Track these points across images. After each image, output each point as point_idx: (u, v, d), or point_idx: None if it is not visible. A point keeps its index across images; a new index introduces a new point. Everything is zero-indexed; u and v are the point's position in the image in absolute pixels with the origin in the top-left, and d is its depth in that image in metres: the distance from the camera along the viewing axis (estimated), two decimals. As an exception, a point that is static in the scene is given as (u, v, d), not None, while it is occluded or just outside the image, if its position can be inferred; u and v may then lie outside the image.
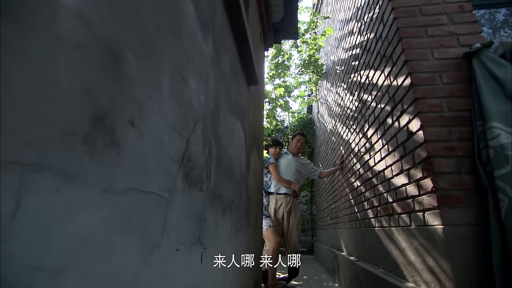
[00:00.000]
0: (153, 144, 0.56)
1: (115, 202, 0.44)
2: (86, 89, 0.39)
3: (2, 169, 0.27)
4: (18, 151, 0.29)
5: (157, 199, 0.57)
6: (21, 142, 0.29)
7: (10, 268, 0.28)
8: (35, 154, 0.30)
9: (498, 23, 2.60)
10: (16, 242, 0.28)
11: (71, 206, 0.35)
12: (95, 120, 0.40)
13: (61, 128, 0.34)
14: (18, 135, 0.29)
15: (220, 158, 1.07)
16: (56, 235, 0.33)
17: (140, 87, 0.53)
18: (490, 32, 2.58)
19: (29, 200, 0.29)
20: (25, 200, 0.29)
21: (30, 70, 0.31)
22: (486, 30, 2.61)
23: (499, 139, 1.18)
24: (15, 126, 0.28)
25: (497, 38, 2.54)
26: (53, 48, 0.34)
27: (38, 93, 0.31)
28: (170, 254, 0.63)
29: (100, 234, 0.40)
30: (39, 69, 0.32)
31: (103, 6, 0.44)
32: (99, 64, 0.42)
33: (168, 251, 0.62)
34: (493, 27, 2.59)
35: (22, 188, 0.29)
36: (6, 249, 0.27)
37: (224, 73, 1.20)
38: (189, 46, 0.80)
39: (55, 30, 0.34)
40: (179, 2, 0.75)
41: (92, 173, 0.39)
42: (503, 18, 2.59)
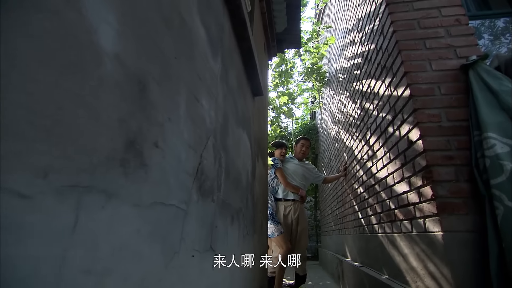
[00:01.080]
0: (173, 161, 0.63)
1: (144, 215, 0.51)
2: (121, 119, 0.46)
3: (66, 192, 0.34)
4: (77, 176, 0.36)
5: (176, 211, 0.64)
6: (79, 170, 0.36)
7: (70, 271, 0.34)
8: (87, 178, 0.37)
9: (499, 29, 2.66)
10: (76, 250, 0.35)
11: (111, 220, 0.42)
12: (128, 145, 0.47)
13: (105, 155, 0.41)
14: (77, 164, 0.36)
15: (228, 169, 1.14)
16: (101, 244, 0.40)
17: (162, 112, 0.60)
18: (491, 39, 2.65)
19: (84, 216, 0.36)
20: (81, 216, 0.36)
21: (82, 108, 0.38)
22: (487, 37, 2.67)
23: (495, 149, 1.24)
24: (75, 157, 0.35)
25: (498, 44, 2.60)
26: (99, 88, 0.41)
27: (88, 128, 0.38)
28: (187, 260, 0.69)
29: (132, 243, 0.47)
30: (89, 107, 0.39)
31: (133, 45, 0.51)
32: (131, 96, 0.49)
33: (185, 258, 0.68)
34: (494, 34, 2.65)
35: (79, 206, 0.36)
36: (69, 256, 0.34)
37: (231, 88, 1.28)
38: (201, 68, 0.87)
39: (100, 73, 0.41)
40: (193, 28, 0.83)
41: (126, 191, 0.46)
42: (503, 25, 2.65)
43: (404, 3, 1.91)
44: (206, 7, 0.97)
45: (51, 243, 0.32)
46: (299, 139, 3.35)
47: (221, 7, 1.20)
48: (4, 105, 0.27)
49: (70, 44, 0.36)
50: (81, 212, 0.36)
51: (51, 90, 0.33)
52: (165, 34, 0.64)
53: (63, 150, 0.34)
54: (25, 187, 0.29)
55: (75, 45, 0.37)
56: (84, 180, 0.37)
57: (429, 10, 1.85)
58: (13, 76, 0.28)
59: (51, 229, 0.32)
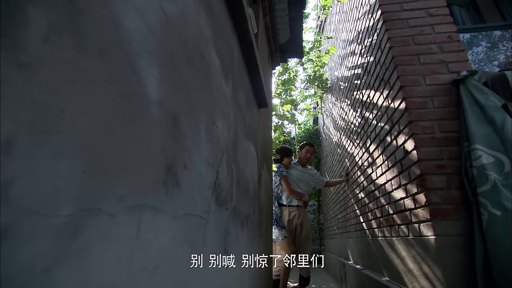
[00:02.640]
0: (197, 178, 0.76)
1: (178, 224, 0.63)
2: (163, 149, 0.59)
3: (132, 210, 0.46)
4: (137, 198, 0.48)
5: (200, 220, 0.76)
6: (138, 193, 0.49)
7: (135, 267, 0.47)
8: (144, 199, 0.50)
9: (496, 37, 2.77)
10: (138, 252, 0.48)
11: (158, 229, 0.55)
12: (167, 169, 0.60)
13: (153, 179, 0.54)
14: (137, 189, 0.48)
15: (239, 179, 1.26)
16: (152, 247, 0.52)
17: (189, 138, 0.72)
18: (489, 46, 2.76)
19: (142, 227, 0.49)
20: (141, 227, 0.49)
21: (139, 146, 0.50)
22: (484, 44, 2.79)
23: (481, 159, 1.35)
24: (136, 184, 0.48)
25: (495, 52, 2.71)
26: (148, 128, 0.54)
27: (143, 161, 0.51)
28: (207, 261, 0.82)
29: (170, 247, 0.59)
30: (143, 144, 0.52)
31: (168, 88, 0.64)
32: (168, 130, 0.62)
33: (206, 259, 0.81)
34: (491, 42, 2.77)
35: (140, 220, 0.48)
36: (135, 256, 0.46)
37: (240, 106, 1.40)
38: (217, 93, 1.00)
39: (149, 116, 0.54)
40: (209, 60, 0.96)
41: (167, 206, 0.59)
42: (500, 33, 2.77)
43: (400, 20, 2.04)
44: (219, 38, 1.10)
45: (124, 247, 0.44)
46: (304, 145, 3.40)
47: (231, 33, 1.33)
48: (97, 151, 0.40)
49: (130, 98, 0.49)
50: (141, 224, 0.49)
51: (122, 137, 0.45)
52: (189, 72, 0.77)
53: (129, 180, 0.47)
54: (112, 208, 0.41)
55: (134, 98, 0.50)
56: (142, 200, 0.49)
57: (423, 27, 1.98)
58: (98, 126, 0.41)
59: (125, 237, 0.44)
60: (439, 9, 2.03)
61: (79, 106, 0.37)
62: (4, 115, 0.27)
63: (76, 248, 0.35)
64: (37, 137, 0.30)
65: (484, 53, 2.71)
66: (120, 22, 0.47)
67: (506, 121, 1.40)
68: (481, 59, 2.66)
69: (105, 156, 0.41)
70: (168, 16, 0.66)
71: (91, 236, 0.37)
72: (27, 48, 0.30)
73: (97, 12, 0.42)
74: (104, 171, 0.41)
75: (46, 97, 0.32)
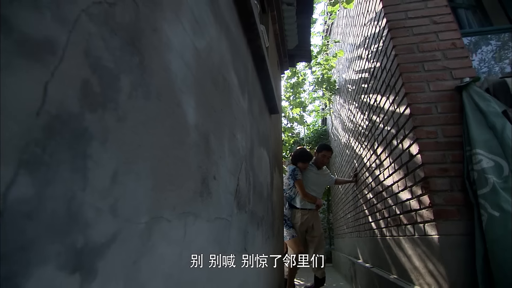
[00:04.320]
0: (223, 187, 0.88)
1: (210, 227, 0.76)
2: (199, 165, 0.71)
3: (180, 217, 0.59)
4: (183, 206, 0.61)
5: (226, 222, 0.89)
6: (185, 202, 0.61)
7: (184, 263, 0.59)
8: (187, 207, 0.62)
9: (505, 37, 2.82)
10: (186, 250, 0.60)
11: (197, 231, 0.67)
12: (202, 181, 0.72)
13: (193, 191, 0.66)
14: (184, 199, 0.61)
15: (255, 184, 1.38)
16: (193, 247, 0.65)
17: (216, 153, 0.85)
18: (499, 44, 2.81)
19: (187, 230, 0.61)
20: (186, 230, 0.61)
21: (184, 165, 0.63)
22: (494, 43, 2.83)
23: (481, 163, 1.44)
24: (183, 195, 0.61)
25: (506, 50, 2.75)
26: (189, 149, 0.66)
27: (187, 176, 0.64)
28: (230, 259, 0.94)
29: (205, 246, 0.72)
30: (186, 163, 0.64)
31: (201, 113, 0.76)
32: (202, 148, 0.74)
33: (230, 257, 0.93)
34: (501, 40, 2.81)
35: (185, 224, 0.61)
36: (183, 254, 0.59)
37: (255, 115, 1.52)
38: (236, 109, 1.12)
39: (189, 140, 0.67)
40: (230, 81, 1.08)
41: (203, 212, 0.71)
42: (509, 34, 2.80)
43: (404, 28, 2.13)
44: (236, 58, 1.22)
45: (176, 246, 0.57)
46: (321, 149, 3.30)
47: (246, 50, 1.45)
48: (158, 173, 0.52)
49: (177, 127, 0.61)
50: (186, 227, 0.61)
51: (173, 159, 0.58)
52: (214, 95, 0.90)
53: (178, 193, 0.59)
54: (169, 216, 0.54)
55: (179, 127, 0.62)
56: (187, 208, 0.62)
57: (427, 34, 2.06)
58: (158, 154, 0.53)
59: (176, 238, 0.57)
60: (443, 16, 2.11)
61: (147, 140, 0.49)
62: (109, 154, 0.40)
63: (149, 246, 0.47)
64: (128, 167, 0.43)
65: (494, 52, 2.75)
66: (169, 68, 0.59)
67: (505, 127, 1.48)
68: (492, 57, 2.70)
69: (163, 176, 0.54)
70: (198, 51, 0.78)
71: (157, 237, 0.50)
72: (120, 105, 0.43)
73: (156, 64, 0.54)
74: (163, 188, 0.53)
75: (130, 137, 0.44)
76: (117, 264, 0.39)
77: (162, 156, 0.54)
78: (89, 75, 0.37)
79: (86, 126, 0.36)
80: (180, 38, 0.66)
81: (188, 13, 0.72)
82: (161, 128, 0.54)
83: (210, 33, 0.89)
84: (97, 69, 0.39)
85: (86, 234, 0.34)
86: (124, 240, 0.41)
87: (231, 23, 1.19)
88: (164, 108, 0.56)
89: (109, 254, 0.38)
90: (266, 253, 1.67)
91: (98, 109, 0.38)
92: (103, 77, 0.40)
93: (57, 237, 0.31)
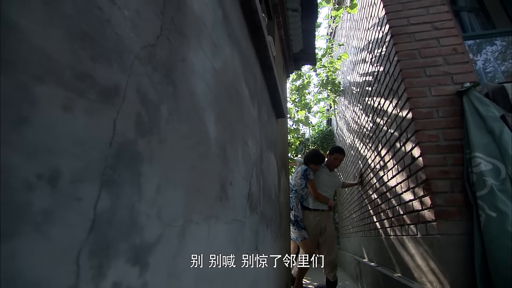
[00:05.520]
0: (238, 191, 0.97)
1: (228, 227, 0.85)
2: (218, 174, 0.80)
3: (206, 219, 0.68)
4: (208, 210, 0.70)
5: (240, 223, 0.98)
6: (210, 207, 0.70)
7: (203, 261, 0.68)
8: (211, 210, 0.72)
9: (511, 38, 2.85)
10: (209, 248, 0.69)
11: (217, 231, 0.76)
12: (221, 187, 0.81)
13: (214, 196, 0.75)
14: (209, 204, 0.70)
15: (264, 187, 1.47)
16: (214, 244, 0.74)
17: (232, 161, 0.94)
18: (505, 44, 2.85)
19: (211, 230, 0.71)
20: (210, 231, 0.70)
21: (207, 175, 0.72)
22: (499, 43, 2.88)
23: (480, 166, 1.51)
24: (208, 201, 0.70)
25: None
26: (210, 160, 0.75)
27: (210, 184, 0.73)
28: (244, 256, 1.03)
29: (224, 245, 0.81)
30: (209, 173, 0.73)
31: (219, 126, 0.85)
32: (220, 158, 0.83)
33: (244, 255, 1.02)
34: (507, 40, 2.86)
35: (209, 225, 0.70)
36: (206, 251, 0.68)
37: (263, 122, 1.61)
38: (247, 118, 1.21)
39: (211, 151, 0.76)
40: (242, 93, 1.17)
41: (222, 214, 0.80)
42: None
43: (406, 34, 2.19)
44: (247, 70, 1.31)
45: (202, 245, 0.66)
46: (334, 151, 3.30)
47: (255, 61, 1.54)
48: (188, 183, 0.61)
49: (202, 142, 0.70)
50: (210, 228, 0.70)
51: (199, 171, 0.67)
52: (229, 108, 0.99)
53: (203, 199, 0.68)
54: (197, 219, 0.63)
55: (203, 142, 0.71)
56: (210, 212, 0.71)
57: (429, 40, 2.13)
58: (187, 167, 0.62)
59: (202, 238, 0.66)
60: (444, 22, 2.17)
61: (180, 156, 0.58)
62: (154, 171, 0.49)
63: (183, 244, 0.57)
64: (167, 180, 0.52)
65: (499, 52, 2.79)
66: (194, 91, 0.69)
67: (503, 131, 1.54)
68: (497, 57, 2.74)
69: (193, 185, 0.63)
70: (216, 71, 0.87)
71: (189, 237, 0.59)
72: (161, 129, 0.52)
73: (185, 90, 0.63)
74: (192, 195, 0.62)
75: (168, 155, 0.54)
76: (162, 259, 0.49)
77: (191, 168, 0.63)
78: (140, 108, 0.46)
79: (139, 150, 0.45)
80: (201, 62, 0.75)
81: (208, 38, 0.82)
82: (190, 145, 0.64)
83: (225, 52, 0.98)
84: (145, 102, 0.48)
85: (141, 235, 0.44)
86: (166, 240, 0.50)
87: (241, 38, 1.28)
88: (191, 127, 0.65)
89: (156, 251, 0.47)
90: (275, 252, 1.76)
91: (146, 134, 0.47)
92: (149, 108, 0.49)
93: (124, 237, 0.40)
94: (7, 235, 0.25)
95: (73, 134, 0.33)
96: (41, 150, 0.29)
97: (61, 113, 0.32)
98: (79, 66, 0.35)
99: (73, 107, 0.34)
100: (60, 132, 0.32)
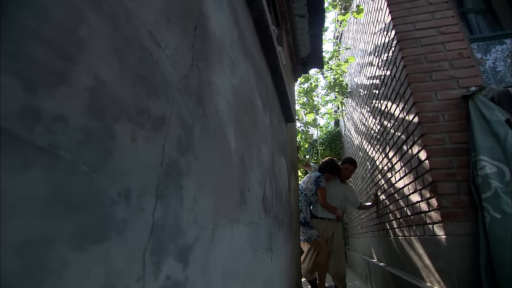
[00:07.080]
0: (254, 196, 1.06)
1: (247, 229, 0.93)
2: (238, 181, 0.89)
3: (230, 222, 0.77)
4: (232, 214, 0.79)
5: (257, 225, 1.06)
6: (234, 211, 0.79)
7: (230, 256, 0.77)
8: (233, 214, 0.81)
9: None
10: (230, 248, 0.78)
11: (239, 233, 0.85)
12: (241, 193, 0.90)
13: (235, 201, 0.84)
14: (230, 208, 0.79)
15: (276, 191, 1.56)
16: (236, 245, 0.83)
17: (249, 168, 1.03)
18: None
19: (234, 232, 0.79)
20: (233, 233, 0.79)
21: (229, 182, 0.81)
22: (509, 42, 2.89)
23: (485, 169, 1.56)
24: (231, 206, 0.79)
25: None
26: (232, 170, 0.84)
27: (233, 191, 0.82)
28: (260, 255, 1.12)
29: (244, 245, 0.90)
30: (229, 181, 0.82)
31: (238, 138, 0.94)
32: (240, 167, 0.92)
33: (259, 254, 1.11)
34: None
35: (232, 228, 0.79)
36: (230, 250, 0.77)
37: (274, 128, 1.70)
38: (261, 127, 1.30)
39: (232, 163, 0.85)
40: (256, 104, 1.26)
41: (242, 218, 0.89)
42: None
43: (412, 40, 2.25)
44: (260, 81, 1.40)
45: (227, 245, 0.75)
46: (345, 161, 3.29)
47: (266, 70, 1.62)
48: (216, 190, 0.70)
49: (226, 155, 0.79)
50: (233, 231, 0.79)
51: (224, 179, 0.76)
52: (246, 119, 1.08)
53: (228, 205, 0.77)
54: (223, 222, 0.72)
55: (227, 154, 0.80)
56: (232, 216, 0.80)
57: (434, 45, 2.18)
58: (215, 176, 0.71)
59: (227, 239, 0.75)
60: (450, 27, 2.22)
61: (209, 169, 0.67)
62: (192, 183, 0.58)
63: (213, 245, 0.66)
64: (201, 190, 0.61)
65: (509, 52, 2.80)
66: (218, 110, 0.78)
67: (508, 135, 1.59)
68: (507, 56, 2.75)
69: (219, 193, 0.72)
70: (234, 87, 0.96)
71: (217, 239, 0.68)
72: (195, 147, 0.61)
73: (211, 110, 0.72)
74: (219, 202, 0.71)
75: (201, 169, 0.63)
76: (198, 258, 0.58)
77: (218, 178, 0.72)
78: (180, 132, 0.55)
79: (181, 167, 0.54)
80: (223, 81, 0.84)
81: (227, 58, 0.91)
82: (216, 158, 0.73)
83: (241, 68, 1.07)
84: (183, 126, 0.57)
85: (183, 237, 0.53)
86: (201, 241, 0.59)
87: (254, 51, 1.37)
88: (216, 142, 0.74)
89: (194, 251, 0.56)
90: (286, 252, 1.84)
91: (185, 153, 0.56)
92: (186, 130, 0.58)
93: (172, 239, 0.49)
94: (102, 238, 0.35)
95: (137, 159, 0.43)
96: (119, 174, 0.38)
97: (130, 143, 0.41)
98: (139, 103, 0.44)
99: (137, 138, 0.43)
100: (129, 158, 0.41)
